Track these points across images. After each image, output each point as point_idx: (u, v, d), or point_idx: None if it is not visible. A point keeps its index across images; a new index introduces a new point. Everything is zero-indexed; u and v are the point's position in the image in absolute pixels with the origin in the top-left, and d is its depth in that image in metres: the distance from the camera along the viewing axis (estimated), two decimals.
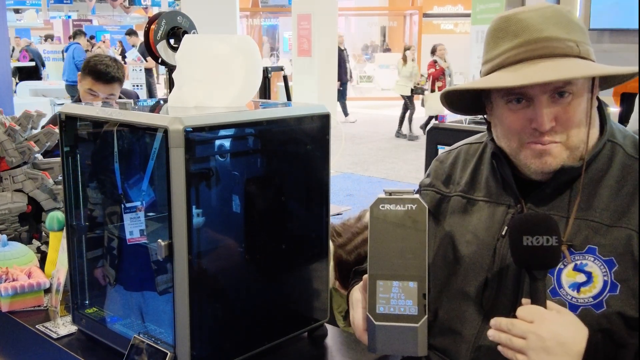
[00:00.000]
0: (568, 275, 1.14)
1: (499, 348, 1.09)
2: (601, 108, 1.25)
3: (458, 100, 1.32)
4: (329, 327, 1.66)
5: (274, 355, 1.52)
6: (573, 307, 1.13)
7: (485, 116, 1.32)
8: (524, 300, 1.12)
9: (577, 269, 1.14)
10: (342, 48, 13.26)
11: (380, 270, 1.20)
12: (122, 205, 1.55)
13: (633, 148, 1.20)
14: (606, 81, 1.25)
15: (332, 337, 1.64)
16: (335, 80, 12.34)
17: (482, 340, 1.22)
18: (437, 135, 4.99)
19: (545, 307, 1.09)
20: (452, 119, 5.12)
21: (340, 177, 8.02)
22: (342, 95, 13.06)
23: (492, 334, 1.10)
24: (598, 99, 1.25)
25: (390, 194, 1.23)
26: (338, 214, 4.11)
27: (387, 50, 20.51)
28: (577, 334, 1.06)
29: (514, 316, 1.09)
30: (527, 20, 1.16)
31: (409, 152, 9.78)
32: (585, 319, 1.10)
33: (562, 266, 1.15)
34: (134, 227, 1.55)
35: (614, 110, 5.16)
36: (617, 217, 1.13)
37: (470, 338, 1.23)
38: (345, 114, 13.03)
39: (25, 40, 16.20)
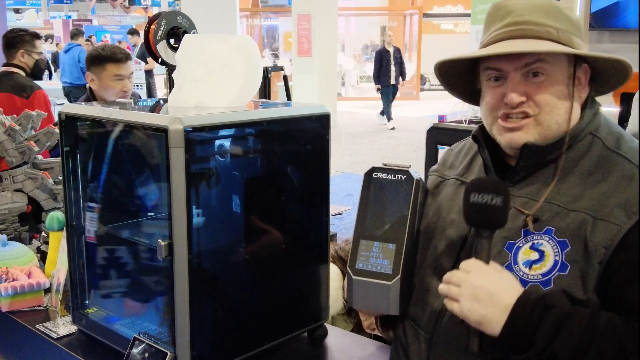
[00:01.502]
0: (524, 253, 1.19)
1: (444, 301, 1.17)
2: (587, 103, 1.28)
3: (456, 82, 1.38)
4: (329, 327, 1.66)
5: (274, 355, 1.52)
6: (523, 282, 1.18)
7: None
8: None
9: (532, 247, 1.19)
10: (388, 49, 12.33)
11: (365, 230, 1.29)
12: (87, 205, 1.58)
13: (613, 143, 1.24)
14: (605, 82, 1.29)
15: (332, 337, 1.64)
16: (335, 80, 12.29)
17: (444, 310, 1.25)
18: (437, 135, 4.99)
19: (487, 263, 1.16)
20: (452, 118, 5.12)
21: (340, 177, 8.02)
22: (385, 98, 12.45)
23: (440, 287, 1.18)
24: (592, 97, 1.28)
25: (385, 164, 1.32)
26: (338, 214, 4.11)
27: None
28: (508, 289, 1.13)
29: None
30: (513, 7, 1.24)
31: (409, 152, 9.78)
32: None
33: (521, 244, 1.20)
34: (91, 227, 1.59)
35: (613, 110, 5.15)
36: (576, 202, 1.18)
37: (436, 307, 1.28)
38: (389, 118, 12.46)
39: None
